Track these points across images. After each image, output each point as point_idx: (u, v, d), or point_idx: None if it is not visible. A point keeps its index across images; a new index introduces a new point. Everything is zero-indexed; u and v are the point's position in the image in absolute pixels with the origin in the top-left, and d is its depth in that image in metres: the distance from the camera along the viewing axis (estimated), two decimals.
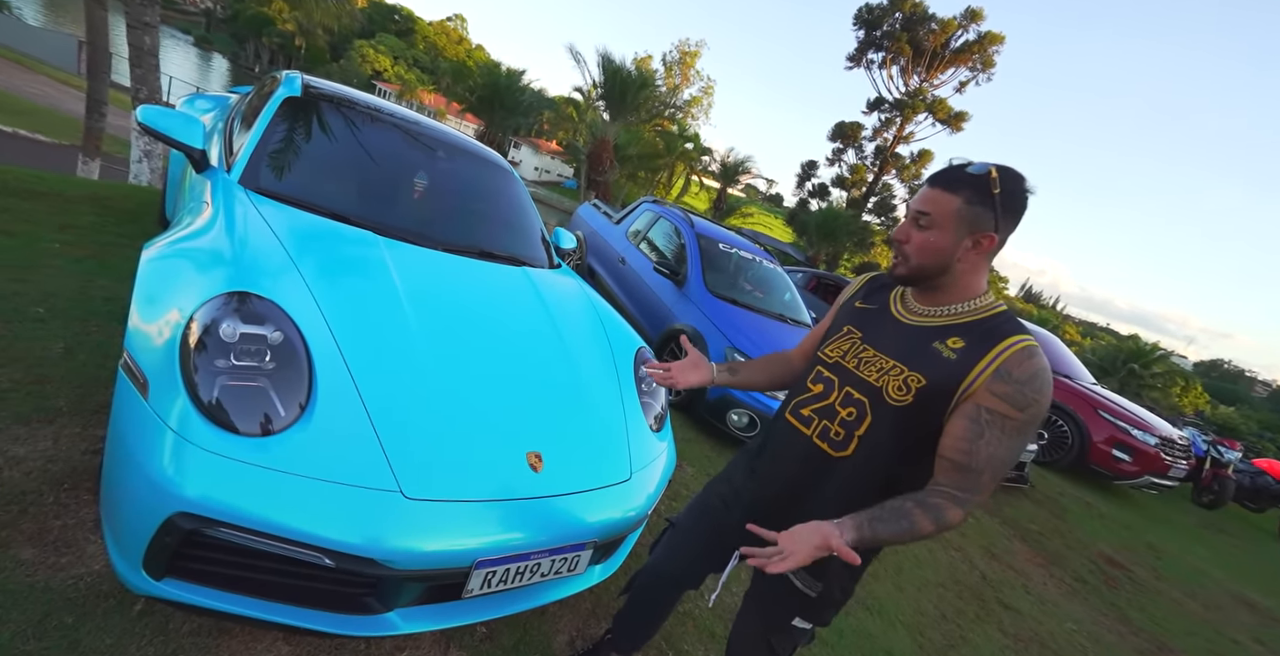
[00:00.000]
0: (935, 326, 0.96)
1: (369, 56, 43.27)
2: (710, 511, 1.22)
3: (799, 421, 1.04)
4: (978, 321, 0.93)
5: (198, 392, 1.10)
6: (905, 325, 0.99)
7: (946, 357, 0.91)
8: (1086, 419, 5.99)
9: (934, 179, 0.93)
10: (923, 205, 0.92)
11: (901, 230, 0.96)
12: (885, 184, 29.00)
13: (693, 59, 37.76)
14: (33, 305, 2.13)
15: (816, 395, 1.03)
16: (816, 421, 1.01)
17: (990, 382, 0.86)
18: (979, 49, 26.32)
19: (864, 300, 1.10)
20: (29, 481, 1.42)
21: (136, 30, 4.96)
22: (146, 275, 1.33)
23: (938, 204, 0.91)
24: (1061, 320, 52.41)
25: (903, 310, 1.02)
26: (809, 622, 1.09)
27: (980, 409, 0.86)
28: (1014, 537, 3.95)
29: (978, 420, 0.86)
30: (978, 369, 0.88)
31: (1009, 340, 0.89)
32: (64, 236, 2.86)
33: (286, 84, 2.18)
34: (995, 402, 0.86)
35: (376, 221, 1.83)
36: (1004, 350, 0.88)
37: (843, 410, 0.98)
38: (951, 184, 0.91)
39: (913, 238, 0.94)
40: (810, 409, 1.03)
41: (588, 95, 18.21)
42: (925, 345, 0.94)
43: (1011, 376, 0.86)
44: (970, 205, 0.89)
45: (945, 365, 0.90)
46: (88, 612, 1.18)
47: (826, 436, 0.99)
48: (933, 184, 0.93)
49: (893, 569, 2.75)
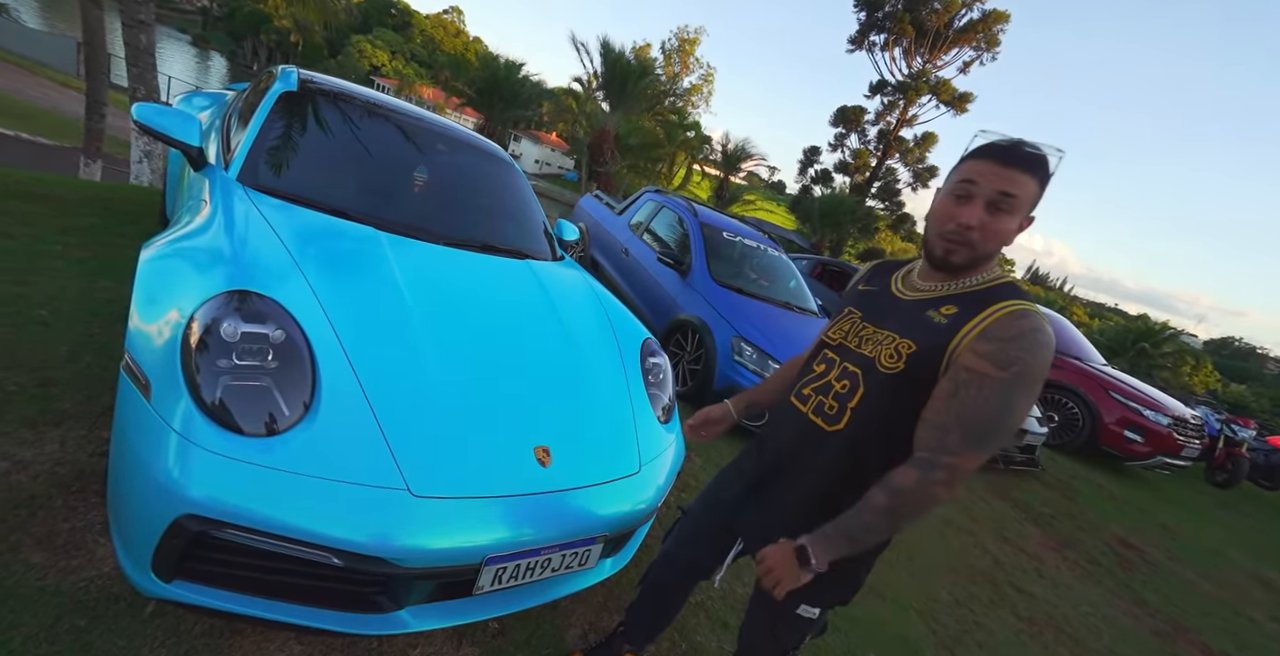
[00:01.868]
0: (931, 298, 0.95)
1: (366, 52, 42.96)
2: (720, 498, 1.22)
3: (800, 401, 1.05)
4: (977, 291, 0.92)
5: (200, 393, 1.08)
6: (903, 300, 0.99)
7: (937, 323, 0.90)
8: (1097, 400, 5.93)
9: (1013, 158, 0.85)
10: (1009, 186, 0.84)
11: (968, 213, 0.87)
12: (889, 168, 28.62)
13: (692, 46, 37.31)
14: (36, 308, 2.12)
15: (818, 374, 1.04)
16: (813, 398, 1.02)
17: (974, 343, 0.85)
18: (983, 27, 25.77)
19: (867, 283, 1.10)
20: (37, 484, 1.42)
21: (132, 28, 4.92)
22: (145, 275, 1.31)
23: (1023, 187, 0.85)
24: (1069, 301, 52.00)
25: (903, 288, 1.02)
26: (817, 607, 1.06)
27: (960, 368, 0.85)
28: (1026, 521, 3.92)
29: (955, 380, 0.85)
30: (964, 331, 0.87)
31: (1000, 304, 0.87)
32: (66, 238, 2.86)
33: (282, 79, 2.15)
34: (975, 361, 0.84)
35: (377, 217, 1.81)
36: (993, 312, 0.86)
37: (837, 384, 0.98)
38: (1032, 166, 0.85)
39: (986, 223, 0.86)
40: (810, 387, 1.04)
41: (587, 85, 18.00)
42: (919, 314, 0.94)
43: (994, 335, 0.84)
44: (1040, 188, 0.87)
45: (935, 330, 0.89)
46: (99, 615, 1.18)
47: (821, 411, 0.99)
48: (1012, 163, 0.85)
49: (904, 555, 2.74)
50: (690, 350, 3.59)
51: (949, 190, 0.91)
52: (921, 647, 2.11)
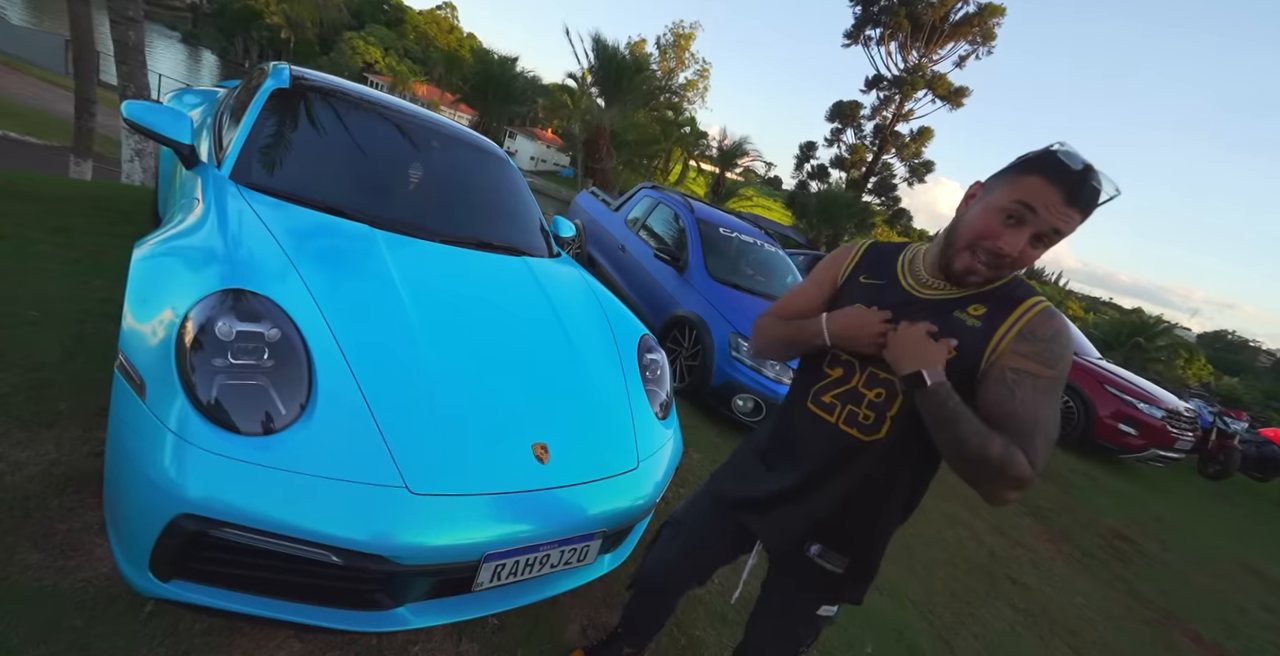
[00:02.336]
0: (953, 298, 0.91)
1: (359, 48, 42.60)
2: (718, 508, 1.17)
3: (822, 409, 0.98)
4: (994, 290, 0.90)
5: (196, 393, 1.08)
6: (922, 299, 0.93)
7: (971, 326, 0.87)
8: (1092, 394, 5.97)
9: (1080, 196, 0.78)
10: (1064, 225, 0.79)
11: (1013, 241, 0.81)
12: (885, 163, 28.65)
13: (687, 41, 37.15)
14: (27, 309, 2.10)
15: (836, 380, 0.98)
16: (840, 407, 0.96)
17: (1015, 344, 0.84)
18: (979, 21, 25.78)
19: (868, 274, 1.02)
20: (32, 485, 1.41)
21: (120, 25, 4.86)
22: (138, 275, 1.30)
23: (1073, 227, 0.81)
24: (1065, 296, 52.16)
25: (915, 284, 0.96)
26: (835, 606, 1.08)
27: (1006, 370, 0.83)
28: (1022, 514, 3.96)
29: (1005, 381, 0.82)
30: (1000, 332, 0.85)
31: (1027, 302, 0.87)
32: (56, 238, 2.83)
33: (274, 75, 2.13)
34: (1022, 362, 0.83)
35: (372, 214, 1.80)
36: (1025, 312, 0.86)
37: (869, 392, 0.94)
38: (1089, 206, 0.80)
39: (1025, 254, 0.82)
40: (832, 395, 0.98)
41: (582, 81, 17.92)
42: (946, 316, 0.89)
43: (1036, 336, 0.84)
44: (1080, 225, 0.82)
45: (970, 333, 0.87)
46: (97, 615, 1.18)
47: (855, 421, 0.94)
48: (1076, 201, 0.78)
49: (902, 549, 2.75)
50: (688, 346, 3.59)
51: (1000, 206, 0.82)
52: (918, 640, 2.13)
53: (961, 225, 0.88)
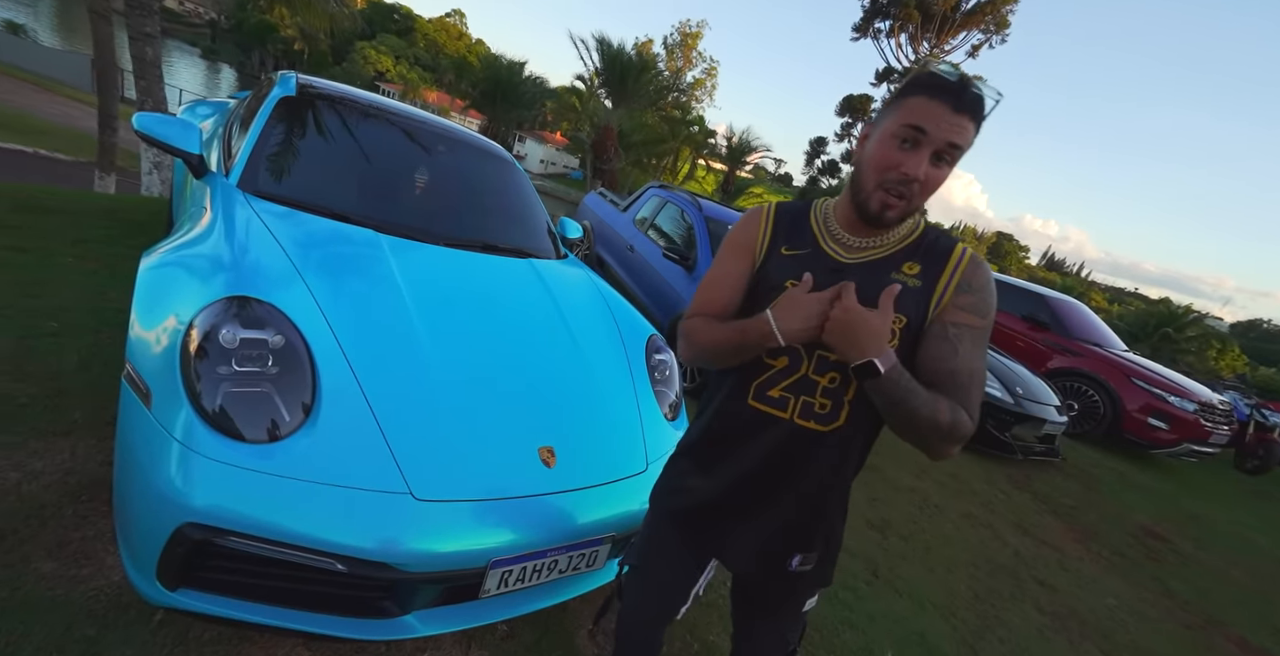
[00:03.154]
0: (883, 257, 0.85)
1: (371, 58, 43.29)
2: (671, 536, 1.04)
3: (771, 405, 0.87)
4: (915, 241, 0.87)
5: (201, 401, 1.08)
6: (851, 264, 0.86)
7: (913, 286, 0.83)
8: (1119, 387, 5.78)
9: (965, 103, 0.74)
10: (959, 136, 0.75)
11: (914, 164, 0.76)
12: None
13: (694, 40, 37.03)
14: (47, 319, 2.15)
15: (782, 370, 0.87)
16: (793, 400, 0.86)
17: (955, 297, 0.83)
18: (991, 9, 25.33)
19: (789, 245, 0.91)
20: (48, 494, 1.43)
21: (138, 41, 4.98)
22: (145, 283, 1.31)
23: (968, 137, 0.76)
24: (1087, 287, 50.83)
25: (838, 248, 0.88)
26: (815, 596, 1.03)
27: (949, 326, 0.82)
28: (1046, 512, 3.84)
29: (947, 337, 0.81)
30: (940, 286, 0.83)
31: (956, 251, 0.85)
32: (76, 250, 2.89)
33: (281, 84, 2.15)
34: (962, 316, 0.82)
35: (377, 219, 1.80)
36: (958, 263, 0.84)
37: (821, 378, 0.85)
38: (978, 111, 0.76)
39: (930, 176, 0.77)
40: (780, 388, 0.87)
41: (589, 83, 17.97)
42: (884, 280, 0.82)
43: (972, 287, 0.84)
44: (976, 135, 0.79)
45: (914, 294, 0.83)
46: (109, 624, 1.18)
47: (811, 413, 0.85)
48: (963, 108, 0.75)
49: (920, 548, 2.68)
50: None
51: (892, 133, 0.78)
52: (941, 644, 2.06)
53: (863, 166, 0.83)
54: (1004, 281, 7.19)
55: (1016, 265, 61.62)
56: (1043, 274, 64.95)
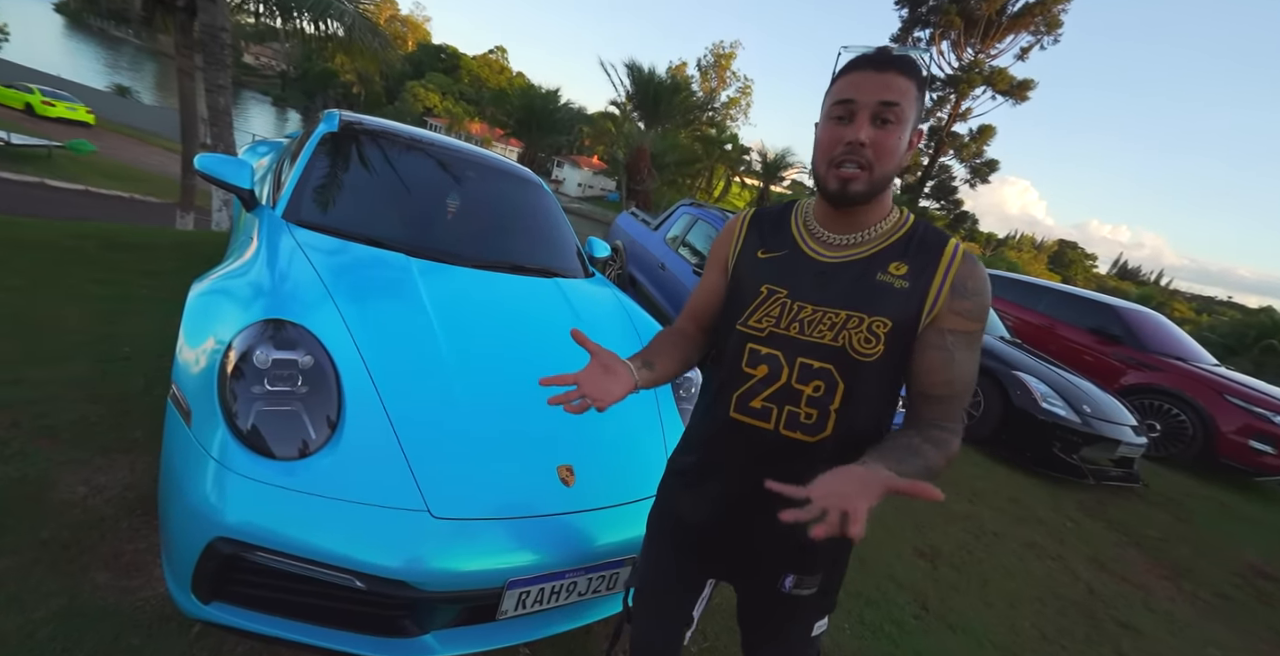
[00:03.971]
0: (867, 256, 0.81)
1: (420, 95, 46.32)
2: (663, 556, 1.01)
3: (754, 416, 0.84)
4: (903, 237, 0.82)
5: (236, 420, 1.13)
6: (834, 264, 0.82)
7: (899, 288, 0.78)
8: (1210, 406, 5.23)
9: (884, 61, 0.75)
10: (889, 93, 0.73)
11: (853, 131, 0.75)
12: (943, 165, 27.38)
13: (728, 61, 37.59)
14: (121, 345, 2.34)
15: (763, 379, 0.83)
16: (776, 411, 0.82)
17: (950, 302, 0.78)
18: (1041, 10, 24.47)
19: (766, 247, 0.88)
20: (108, 508, 1.54)
21: (213, 93, 5.51)
22: (193, 309, 1.41)
23: (904, 93, 0.74)
24: (1168, 296, 46.78)
25: (817, 247, 0.84)
26: (825, 620, 0.96)
27: (944, 333, 0.78)
28: (1127, 545, 3.47)
29: (944, 346, 0.78)
30: (934, 291, 0.78)
31: (948, 250, 0.80)
32: (150, 282, 3.17)
33: (326, 121, 2.31)
34: (958, 322, 0.78)
35: (409, 244, 1.88)
36: (950, 263, 0.79)
37: (805, 387, 0.80)
38: (906, 67, 0.75)
39: (875, 138, 0.75)
40: (761, 398, 0.83)
41: (623, 107, 18.47)
42: (868, 281, 0.79)
43: (967, 289, 0.79)
44: (920, 93, 0.77)
45: (901, 297, 0.78)
46: (152, 634, 1.24)
47: (796, 423, 0.81)
48: (884, 67, 0.74)
49: (976, 581, 2.48)
50: None
51: (828, 115, 0.79)
52: None
53: (815, 156, 0.82)
54: (1065, 291, 6.72)
55: (1083, 274, 57.79)
56: (1114, 283, 60.59)
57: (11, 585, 1.26)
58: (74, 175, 11.17)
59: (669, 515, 0.99)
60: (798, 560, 0.88)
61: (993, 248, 52.26)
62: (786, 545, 0.87)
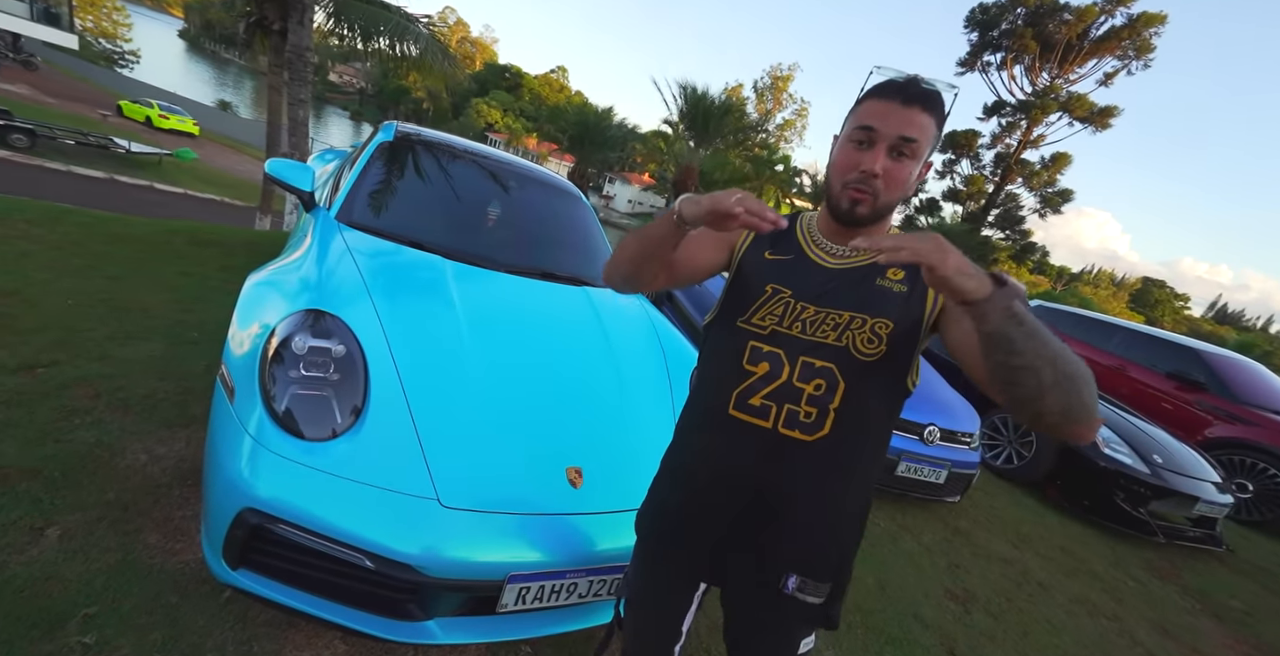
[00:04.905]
0: (868, 264, 0.85)
1: (483, 111, 48.79)
2: (654, 561, 0.99)
3: (752, 414, 0.84)
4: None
5: (273, 402, 1.22)
6: (837, 270, 0.86)
7: (898, 292, 0.83)
8: None
9: (912, 96, 0.78)
10: (910, 129, 0.77)
11: (870, 159, 0.79)
12: (1010, 194, 26.12)
13: (785, 83, 37.63)
14: (191, 330, 2.57)
15: (763, 377, 0.84)
16: (776, 408, 0.83)
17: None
18: (1129, 34, 23.01)
19: (773, 250, 0.91)
20: (165, 476, 1.68)
21: (295, 106, 6.04)
22: (246, 297, 1.54)
23: (924, 130, 0.78)
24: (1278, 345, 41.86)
25: (821, 253, 0.88)
26: (813, 636, 0.93)
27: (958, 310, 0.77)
28: (1202, 614, 3.11)
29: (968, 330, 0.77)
30: (931, 292, 0.82)
31: None
32: (224, 275, 3.48)
33: (384, 131, 2.49)
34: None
35: (447, 247, 1.99)
36: None
37: (806, 385, 0.82)
38: (930, 104, 0.78)
39: (889, 170, 0.79)
40: (761, 396, 0.84)
41: (675, 126, 18.78)
42: (869, 285, 0.84)
43: None
44: (938, 129, 0.81)
45: (901, 300, 0.82)
46: (188, 595, 1.34)
47: (795, 422, 0.82)
48: (911, 101, 0.77)
49: (1015, 632, 2.29)
50: None
51: (848, 137, 0.82)
52: None
53: (829, 173, 0.86)
54: (1140, 330, 6.16)
55: (1171, 316, 52.89)
56: (1209, 327, 55.29)
57: (79, 538, 1.41)
58: (177, 180, 12.41)
59: (660, 515, 0.98)
60: (794, 560, 0.86)
61: (1064, 282, 48.92)
62: (781, 546, 0.86)
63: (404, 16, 7.03)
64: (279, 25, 6.22)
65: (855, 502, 0.88)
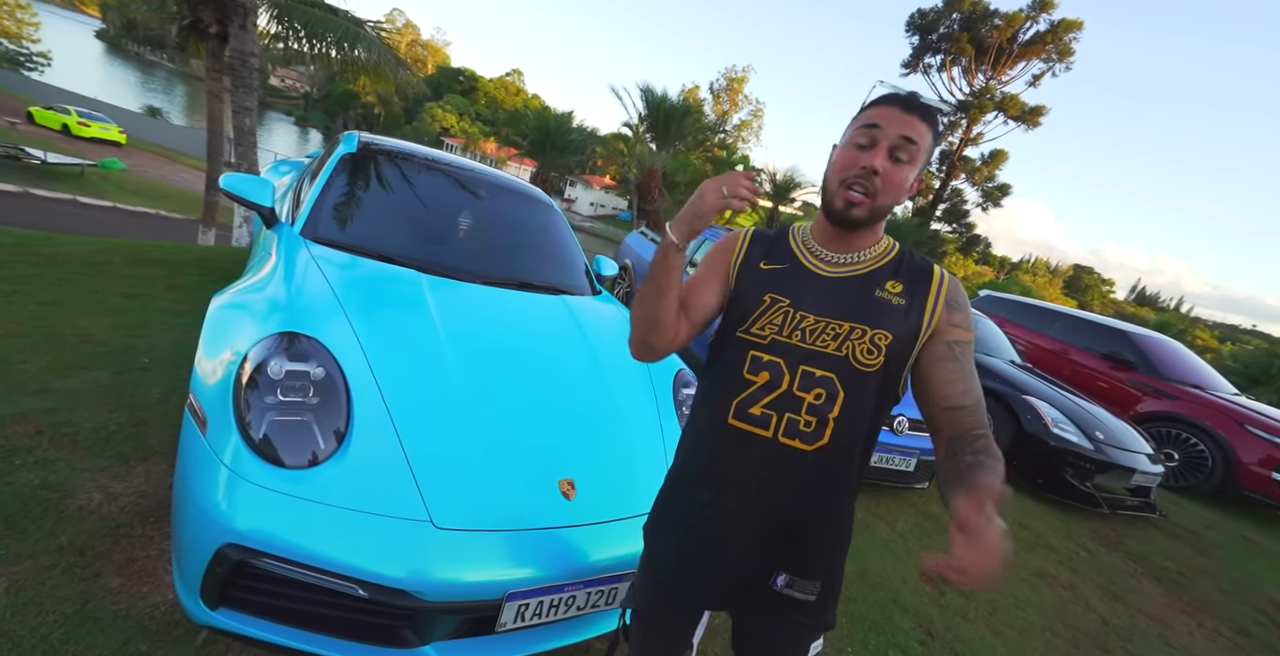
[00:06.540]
0: (864, 273, 0.88)
1: (437, 116, 47.60)
2: (661, 571, 0.98)
3: (753, 423, 0.85)
4: (894, 260, 0.89)
5: (249, 430, 1.17)
6: (834, 279, 0.88)
7: (897, 305, 0.85)
8: (1229, 436, 5.10)
9: (914, 105, 0.82)
10: (911, 131, 0.80)
11: (870, 158, 0.81)
12: (955, 189, 27.46)
13: (740, 84, 38.31)
14: (141, 356, 2.42)
15: (763, 386, 0.84)
16: (777, 418, 0.83)
17: (947, 315, 0.86)
18: (1052, 38, 24.85)
19: (768, 259, 0.92)
20: (124, 515, 1.57)
21: (239, 114, 5.74)
22: (212, 321, 1.47)
23: (922, 137, 0.81)
24: (1189, 323, 45.72)
25: (818, 263, 0.90)
26: (820, 639, 0.95)
27: (950, 345, 0.84)
28: (1143, 576, 3.37)
29: (954, 356, 0.84)
30: (930, 304, 0.85)
31: (937, 271, 0.89)
32: (171, 295, 3.27)
33: (345, 142, 2.41)
34: (957, 333, 0.85)
35: (421, 260, 1.94)
36: (940, 281, 0.87)
37: (807, 395, 0.83)
38: (929, 116, 0.82)
39: (888, 171, 0.81)
40: (762, 405, 0.84)
41: (635, 128, 18.86)
42: (868, 296, 0.86)
43: (959, 303, 0.87)
44: (934, 143, 0.84)
45: (900, 313, 0.85)
46: (160, 640, 1.26)
47: (795, 431, 0.83)
48: (913, 110, 0.81)
49: (985, 608, 2.42)
50: None
51: (850, 139, 0.85)
52: None
53: (828, 174, 0.88)
54: (1078, 316, 6.66)
55: (1099, 300, 56.90)
56: (1132, 309, 59.56)
57: (30, 588, 1.30)
58: (104, 192, 11.59)
59: (665, 525, 0.99)
60: (791, 559, 0.88)
61: (1006, 271, 51.83)
62: (778, 552, 0.87)
63: (351, 21, 6.80)
64: (216, 28, 5.92)
65: (846, 505, 0.90)
